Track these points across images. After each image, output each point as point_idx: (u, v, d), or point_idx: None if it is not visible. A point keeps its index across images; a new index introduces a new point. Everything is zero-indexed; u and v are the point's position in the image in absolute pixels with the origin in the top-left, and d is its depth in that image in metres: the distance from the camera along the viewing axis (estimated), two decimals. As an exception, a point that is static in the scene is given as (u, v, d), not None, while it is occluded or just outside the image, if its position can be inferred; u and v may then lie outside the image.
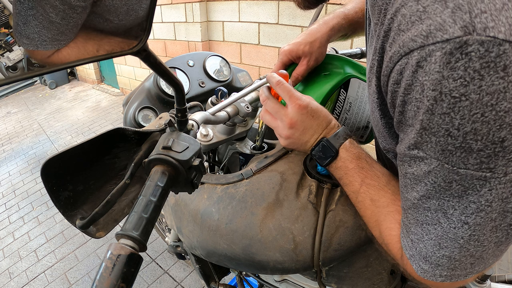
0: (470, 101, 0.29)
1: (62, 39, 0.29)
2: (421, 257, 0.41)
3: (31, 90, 6.31)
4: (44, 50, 0.29)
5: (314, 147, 0.57)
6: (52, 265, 2.17)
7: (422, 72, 0.31)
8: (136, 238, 0.30)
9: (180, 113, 0.44)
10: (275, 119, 0.59)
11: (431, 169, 0.35)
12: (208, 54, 1.11)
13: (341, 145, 0.55)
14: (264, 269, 0.64)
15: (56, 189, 0.39)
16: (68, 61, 0.30)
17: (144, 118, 0.95)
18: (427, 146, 0.34)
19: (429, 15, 0.30)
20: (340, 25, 0.73)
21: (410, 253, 0.42)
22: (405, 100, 0.34)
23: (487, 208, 0.33)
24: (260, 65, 2.91)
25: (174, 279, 1.95)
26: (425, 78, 0.30)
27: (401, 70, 0.33)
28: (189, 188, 0.41)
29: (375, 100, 0.43)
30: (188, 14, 3.22)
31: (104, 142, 0.41)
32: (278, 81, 0.58)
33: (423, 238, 0.40)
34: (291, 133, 0.57)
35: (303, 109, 0.55)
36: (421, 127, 0.33)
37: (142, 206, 0.33)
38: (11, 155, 3.83)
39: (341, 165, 0.55)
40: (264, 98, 0.60)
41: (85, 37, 0.30)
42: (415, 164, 0.37)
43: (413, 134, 0.35)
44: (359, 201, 0.53)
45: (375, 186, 0.51)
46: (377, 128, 0.47)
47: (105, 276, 0.27)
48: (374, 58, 0.40)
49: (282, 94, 0.57)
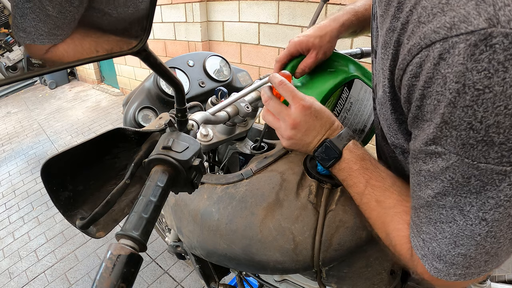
0: (494, 93, 0.28)
1: (59, 33, 0.28)
2: (435, 256, 0.40)
3: (31, 90, 6.31)
4: (40, 44, 0.29)
5: (317, 148, 0.56)
6: (52, 265, 2.17)
7: (444, 65, 0.30)
8: (136, 238, 0.30)
9: (180, 113, 0.44)
10: (277, 120, 0.58)
11: (449, 165, 0.34)
12: (208, 54, 1.11)
13: (344, 146, 0.54)
14: (264, 269, 0.64)
15: (56, 189, 0.39)
16: (65, 58, 0.30)
17: (144, 118, 0.95)
18: (447, 140, 0.33)
19: (452, 7, 0.30)
20: (350, 21, 0.73)
21: (422, 253, 0.42)
22: (424, 94, 0.34)
23: (506, 203, 0.33)
24: (260, 65, 2.91)
25: (174, 279, 1.95)
26: (448, 71, 0.30)
27: (420, 63, 0.33)
28: (189, 188, 0.41)
29: (386, 95, 0.42)
30: (188, 14, 3.22)
31: (104, 142, 0.41)
32: (280, 81, 0.57)
33: (436, 237, 0.39)
34: (294, 133, 0.56)
35: (307, 110, 0.55)
36: (441, 121, 0.32)
37: (142, 206, 0.33)
38: (11, 155, 3.83)
39: (345, 167, 0.54)
40: (266, 99, 0.59)
41: (83, 34, 0.30)
42: (431, 161, 0.36)
43: (431, 129, 0.34)
44: (364, 203, 0.52)
45: (380, 187, 0.50)
46: (386, 123, 0.47)
47: (105, 276, 0.27)
48: (387, 51, 0.40)
49: (285, 94, 0.57)
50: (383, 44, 0.41)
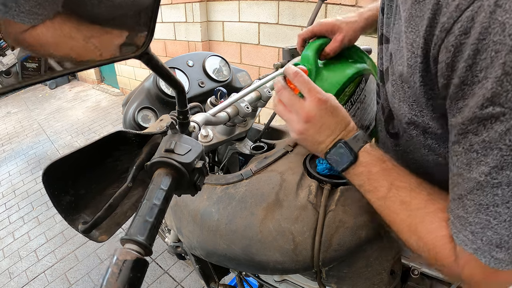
0: None
1: (39, 13, 0.27)
2: (493, 246, 0.36)
3: (31, 90, 6.30)
4: (19, 22, 0.27)
5: (329, 150, 0.52)
6: (52, 265, 2.17)
7: (501, 11, 0.29)
8: (141, 243, 0.30)
9: (182, 115, 0.43)
10: (289, 111, 0.55)
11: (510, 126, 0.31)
12: (207, 54, 1.11)
13: (361, 148, 0.50)
14: (264, 269, 0.64)
15: (57, 194, 0.39)
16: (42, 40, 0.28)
17: (143, 118, 0.95)
18: (507, 96, 0.30)
19: None
20: (374, 17, 0.73)
21: (473, 247, 0.37)
22: (478, 48, 0.31)
23: None
24: (260, 65, 2.91)
25: (174, 279, 1.95)
26: (506, 16, 0.29)
27: (472, 16, 0.31)
28: (192, 191, 0.41)
29: (417, 65, 0.40)
30: (188, 14, 3.22)
31: (106, 145, 0.41)
32: (296, 71, 0.54)
33: (490, 224, 0.35)
34: (306, 128, 0.53)
35: (323, 104, 0.51)
36: (502, 73, 0.30)
37: (146, 210, 0.33)
38: (11, 155, 3.83)
39: (363, 171, 0.50)
40: (280, 88, 0.55)
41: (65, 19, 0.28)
42: (486, 128, 0.33)
43: (488, 87, 0.31)
44: (387, 207, 0.47)
45: (405, 188, 0.46)
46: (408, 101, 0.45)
47: (111, 281, 0.27)
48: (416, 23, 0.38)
49: (301, 86, 0.53)
50: (409, 17, 0.40)
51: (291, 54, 0.90)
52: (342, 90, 0.70)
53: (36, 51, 0.29)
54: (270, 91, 0.74)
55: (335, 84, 0.69)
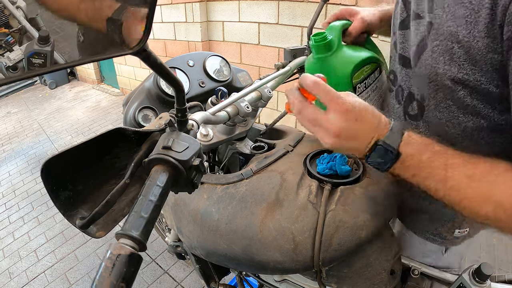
0: None
1: None
2: None
3: (31, 90, 6.31)
4: None
5: (369, 154, 0.49)
6: (52, 265, 2.17)
7: None
8: (136, 238, 0.30)
9: (180, 113, 0.44)
10: (314, 126, 0.51)
11: None
12: (208, 54, 1.11)
13: (400, 142, 0.47)
14: (264, 269, 0.64)
15: (56, 189, 0.39)
16: None
17: (144, 118, 0.95)
18: None
19: None
20: (389, 13, 0.75)
21: None
22: None
23: None
24: (260, 65, 2.91)
25: (174, 279, 1.95)
26: None
27: None
28: (189, 188, 0.41)
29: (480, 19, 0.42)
30: (188, 14, 3.22)
31: (104, 142, 0.41)
32: (315, 81, 0.49)
33: None
34: (337, 141, 0.50)
35: (349, 114, 0.48)
36: None
37: (142, 206, 0.33)
38: (11, 155, 3.83)
39: (411, 163, 0.48)
40: (300, 108, 0.51)
41: None
42: None
43: None
44: (451, 187, 0.45)
45: (460, 163, 0.45)
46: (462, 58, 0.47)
47: (105, 275, 0.27)
48: None
49: (322, 96, 0.49)
50: None
51: (293, 55, 0.90)
52: (362, 64, 0.72)
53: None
54: (271, 91, 0.74)
55: (357, 57, 0.72)
